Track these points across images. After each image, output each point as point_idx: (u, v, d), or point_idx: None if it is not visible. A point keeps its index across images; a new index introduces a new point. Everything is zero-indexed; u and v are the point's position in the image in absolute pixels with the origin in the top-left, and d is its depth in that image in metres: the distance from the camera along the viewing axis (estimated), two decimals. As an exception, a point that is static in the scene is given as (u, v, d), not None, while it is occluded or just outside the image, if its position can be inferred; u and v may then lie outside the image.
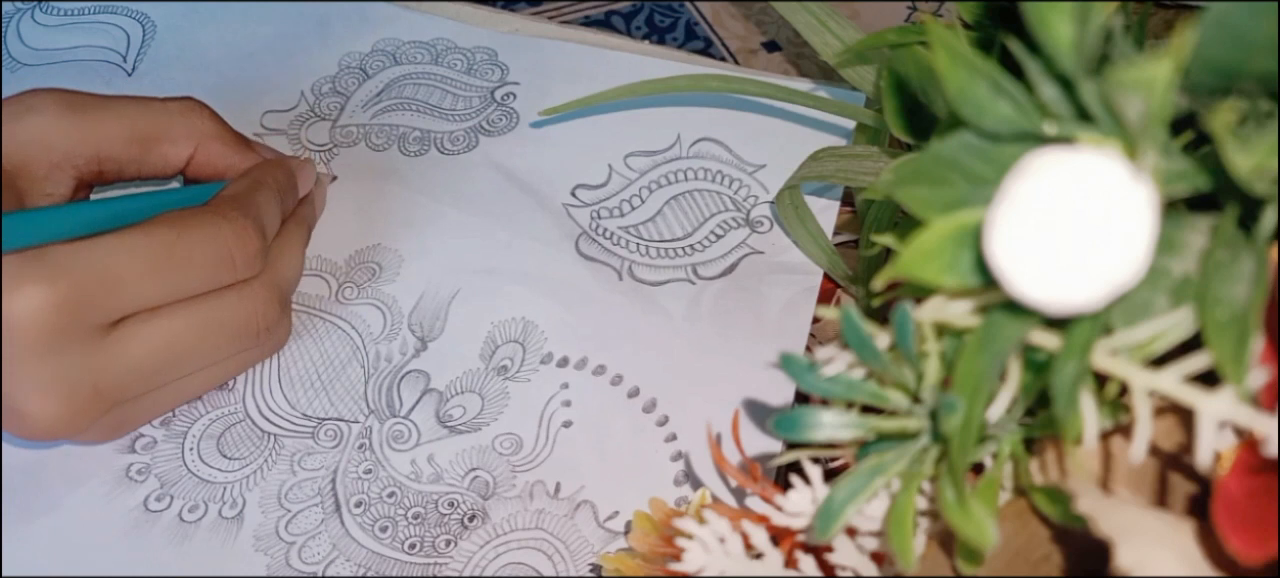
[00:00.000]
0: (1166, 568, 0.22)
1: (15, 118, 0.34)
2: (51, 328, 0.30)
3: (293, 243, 0.38)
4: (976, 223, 0.23)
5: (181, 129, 0.37)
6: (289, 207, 0.39)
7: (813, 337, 0.39)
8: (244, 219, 0.34)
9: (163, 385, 0.34)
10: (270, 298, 0.36)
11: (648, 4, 0.52)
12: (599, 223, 0.42)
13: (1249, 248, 0.22)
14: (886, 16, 0.51)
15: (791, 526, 0.28)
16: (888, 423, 0.26)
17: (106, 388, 0.32)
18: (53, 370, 0.31)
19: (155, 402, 0.35)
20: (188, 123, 0.37)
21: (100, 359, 0.31)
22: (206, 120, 0.38)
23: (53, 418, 0.31)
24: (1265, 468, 0.21)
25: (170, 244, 0.32)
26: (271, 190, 0.37)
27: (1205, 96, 0.22)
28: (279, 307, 0.36)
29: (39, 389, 0.31)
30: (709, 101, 0.46)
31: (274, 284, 0.36)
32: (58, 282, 0.30)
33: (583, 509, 0.35)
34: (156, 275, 0.32)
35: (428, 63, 0.48)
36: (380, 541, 0.34)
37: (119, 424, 0.34)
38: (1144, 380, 0.22)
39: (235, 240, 0.34)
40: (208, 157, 0.38)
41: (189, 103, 0.38)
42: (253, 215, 0.35)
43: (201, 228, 0.33)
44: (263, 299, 0.35)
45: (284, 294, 0.37)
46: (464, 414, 0.37)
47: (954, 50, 0.23)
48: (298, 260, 0.38)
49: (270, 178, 0.38)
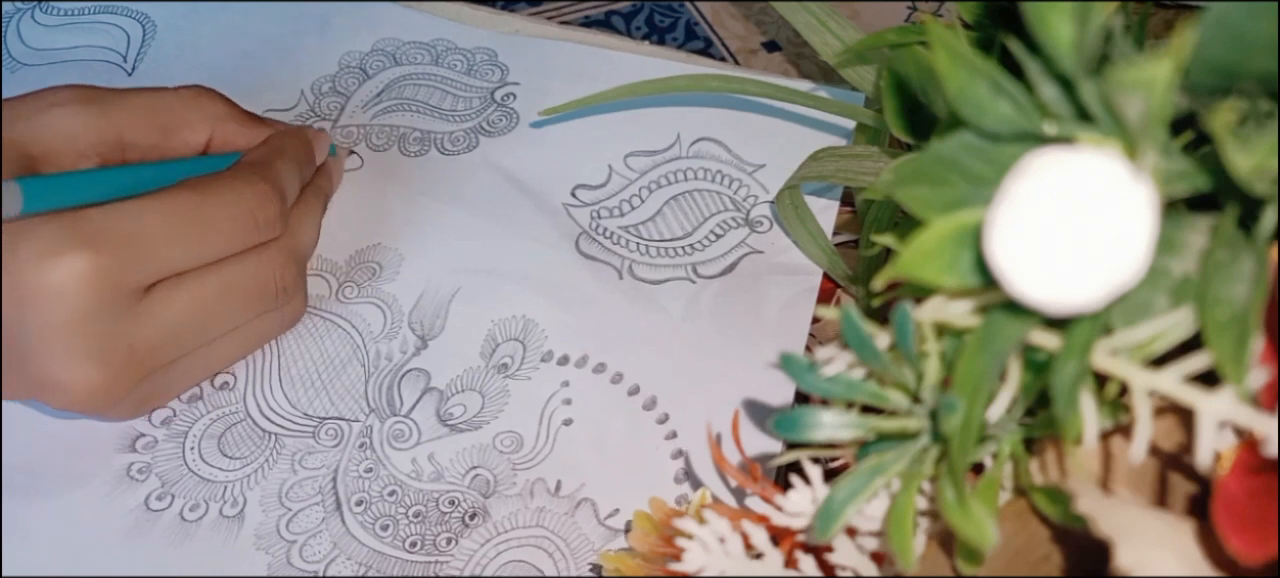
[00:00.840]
0: (1166, 568, 0.22)
1: (38, 112, 0.34)
2: (94, 294, 0.30)
3: (310, 211, 0.39)
4: (976, 223, 0.23)
5: (197, 114, 0.38)
6: (307, 175, 0.39)
7: (813, 337, 0.39)
8: (264, 183, 0.35)
9: (191, 352, 0.35)
10: (288, 261, 0.36)
11: (648, 4, 0.52)
12: (599, 223, 0.42)
13: (1249, 248, 0.22)
14: (886, 16, 0.51)
15: (791, 526, 0.28)
16: (888, 423, 0.26)
17: (142, 353, 0.33)
18: (92, 337, 0.31)
19: (183, 372, 0.36)
20: (201, 107, 0.38)
21: (135, 324, 0.32)
22: (218, 103, 0.39)
23: (92, 386, 0.32)
24: (1265, 468, 0.21)
25: (196, 206, 0.33)
26: (290, 157, 0.38)
27: (1205, 96, 0.22)
28: (297, 270, 0.37)
29: (78, 357, 0.31)
30: (709, 102, 0.46)
31: (292, 249, 0.37)
32: (100, 248, 0.30)
33: (583, 507, 0.35)
34: (185, 238, 0.33)
35: (428, 63, 0.48)
36: (381, 539, 0.34)
37: (148, 397, 0.35)
38: (1144, 380, 0.22)
39: (257, 202, 0.34)
40: (225, 137, 0.39)
41: (199, 89, 0.39)
42: (273, 179, 0.36)
43: (225, 191, 0.34)
44: (281, 262, 0.36)
45: (301, 259, 0.38)
46: (464, 413, 0.37)
47: (954, 50, 0.23)
48: (314, 228, 0.39)
49: (289, 145, 0.38)
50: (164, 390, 0.36)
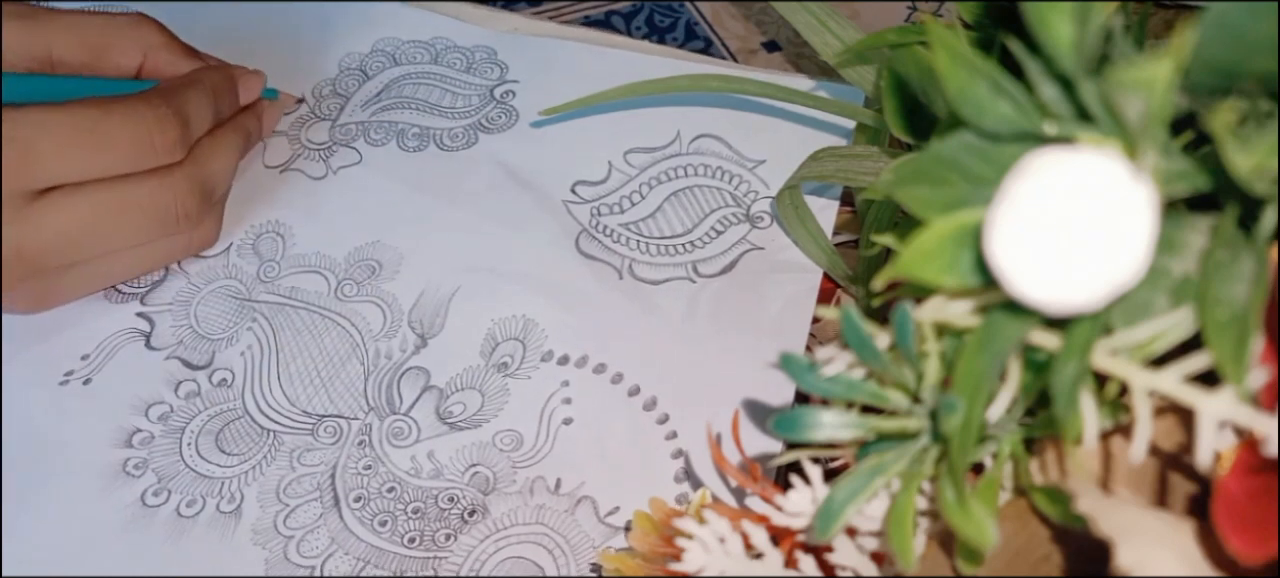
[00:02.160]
0: (1166, 568, 0.22)
1: None
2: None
3: (224, 145, 0.40)
4: (976, 223, 0.23)
5: (130, 38, 0.39)
6: (224, 110, 0.40)
7: (813, 336, 0.39)
8: (166, 108, 0.36)
9: (85, 261, 0.37)
10: (191, 189, 0.37)
11: (648, 4, 0.52)
12: (599, 220, 0.42)
13: (1249, 248, 0.22)
14: (886, 16, 0.51)
15: (791, 526, 0.28)
16: (888, 423, 0.26)
17: (30, 254, 0.34)
18: None
19: (80, 277, 0.37)
20: (137, 32, 0.40)
21: (23, 226, 0.34)
22: (155, 32, 0.40)
23: None
24: (1265, 468, 0.21)
25: (96, 121, 0.34)
26: (203, 89, 0.39)
27: (1205, 96, 0.22)
28: (200, 200, 0.38)
29: None
30: (709, 100, 0.46)
31: (197, 178, 0.38)
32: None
33: (583, 505, 0.35)
34: (78, 150, 0.34)
35: (427, 62, 0.48)
36: (379, 535, 0.34)
37: (44, 295, 0.37)
38: (1144, 380, 0.22)
39: (157, 126, 0.35)
40: (156, 65, 0.40)
41: (138, 16, 0.40)
42: (177, 106, 0.36)
43: (126, 111, 0.35)
44: (183, 189, 0.37)
45: (207, 189, 0.38)
46: (464, 411, 0.37)
47: (954, 50, 0.23)
48: (227, 162, 0.40)
49: (206, 78, 0.39)
50: (60, 292, 0.37)
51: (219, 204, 0.41)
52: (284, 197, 0.43)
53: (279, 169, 0.44)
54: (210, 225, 0.40)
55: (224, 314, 0.39)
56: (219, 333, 0.39)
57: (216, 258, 0.41)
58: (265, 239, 0.42)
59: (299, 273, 0.41)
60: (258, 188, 0.43)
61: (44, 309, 0.38)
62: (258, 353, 0.38)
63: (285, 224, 0.42)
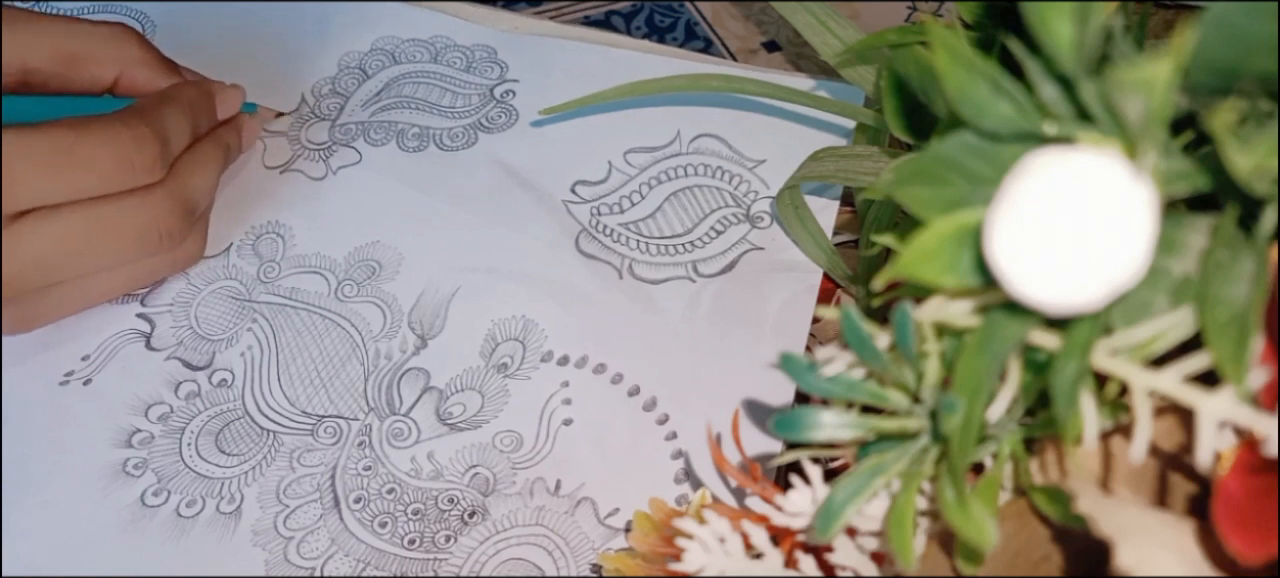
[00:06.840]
0: (1166, 568, 0.22)
1: None
2: None
3: (204, 160, 0.39)
4: (976, 223, 0.23)
5: (108, 51, 0.39)
6: (203, 126, 0.40)
7: (813, 336, 0.39)
8: (144, 127, 0.35)
9: (65, 282, 0.36)
10: (172, 207, 0.37)
11: (648, 4, 0.52)
12: (599, 219, 0.42)
13: (1249, 248, 0.22)
14: (886, 16, 0.51)
15: (791, 526, 0.28)
16: (888, 423, 0.26)
17: (7, 277, 0.34)
18: None
19: (61, 298, 0.37)
20: (116, 46, 0.39)
21: None
22: (133, 45, 0.39)
23: None
24: (1265, 468, 0.21)
25: (70, 144, 0.33)
26: (181, 106, 0.38)
27: (1205, 96, 0.22)
28: (181, 217, 0.37)
29: None
30: (709, 100, 0.46)
31: (177, 195, 0.37)
32: None
33: (583, 506, 0.35)
34: (55, 172, 0.33)
35: (427, 61, 0.48)
36: (379, 536, 0.34)
37: (27, 318, 0.37)
38: (1144, 380, 0.22)
39: (134, 146, 0.35)
40: (133, 80, 0.39)
41: (118, 27, 0.39)
42: (154, 125, 0.36)
43: (102, 132, 0.34)
44: (164, 208, 0.36)
45: (188, 206, 0.38)
46: (464, 412, 0.37)
47: (954, 50, 0.23)
48: (208, 178, 0.39)
49: (183, 95, 0.39)
50: (41, 313, 0.37)
51: (202, 219, 0.40)
52: (284, 197, 0.43)
53: (279, 169, 0.44)
54: (195, 241, 0.39)
55: (224, 315, 0.39)
56: (219, 334, 0.39)
57: (216, 259, 0.41)
58: (265, 240, 0.42)
59: (299, 273, 0.41)
60: (258, 188, 0.43)
61: (28, 331, 0.37)
62: (258, 354, 0.38)
63: (285, 225, 0.42)
